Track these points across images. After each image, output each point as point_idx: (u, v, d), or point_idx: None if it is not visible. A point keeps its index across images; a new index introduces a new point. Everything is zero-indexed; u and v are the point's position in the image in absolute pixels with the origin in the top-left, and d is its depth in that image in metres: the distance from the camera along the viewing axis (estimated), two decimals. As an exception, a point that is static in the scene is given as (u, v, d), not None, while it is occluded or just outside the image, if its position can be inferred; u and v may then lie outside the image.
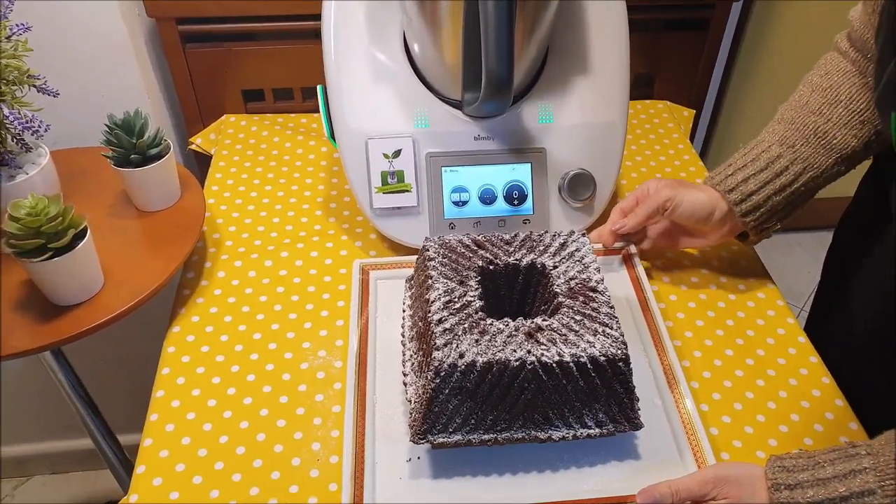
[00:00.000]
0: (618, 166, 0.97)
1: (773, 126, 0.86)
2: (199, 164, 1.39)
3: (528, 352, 0.68)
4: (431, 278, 0.75)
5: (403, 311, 0.83)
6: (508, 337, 0.69)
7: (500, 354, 0.67)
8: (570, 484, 0.72)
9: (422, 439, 0.70)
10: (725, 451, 0.75)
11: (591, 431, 0.71)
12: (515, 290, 0.80)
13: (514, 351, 0.67)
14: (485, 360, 0.67)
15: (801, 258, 2.23)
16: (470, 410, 0.69)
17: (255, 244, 1.00)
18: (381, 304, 0.89)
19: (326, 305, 0.91)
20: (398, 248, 0.99)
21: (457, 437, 0.70)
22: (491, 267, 0.77)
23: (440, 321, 0.70)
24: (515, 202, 0.95)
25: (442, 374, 0.67)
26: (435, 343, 0.68)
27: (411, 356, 0.76)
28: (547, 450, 0.74)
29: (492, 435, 0.70)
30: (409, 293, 0.83)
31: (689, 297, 0.93)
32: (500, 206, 0.95)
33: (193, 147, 1.24)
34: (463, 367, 0.66)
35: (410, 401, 0.72)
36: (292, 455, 0.75)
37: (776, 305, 0.92)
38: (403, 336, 0.80)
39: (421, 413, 0.69)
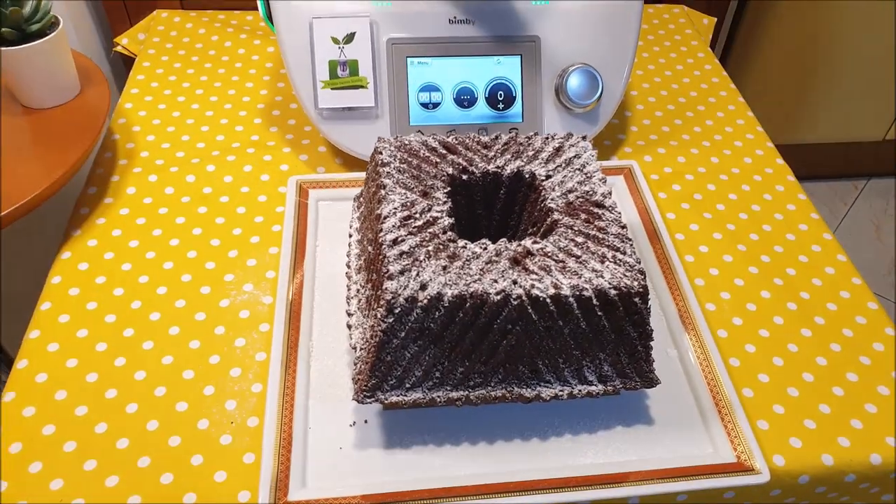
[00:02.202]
0: (630, 62, 0.78)
1: None
2: (129, 71, 1.18)
3: (514, 282, 0.50)
4: (385, 188, 0.56)
5: (350, 235, 0.64)
6: (487, 264, 0.51)
7: (475, 286, 0.49)
8: (562, 456, 0.55)
9: (369, 397, 0.52)
10: (763, 417, 0.59)
11: (593, 389, 0.54)
12: (496, 207, 0.62)
13: (495, 281, 0.50)
14: (455, 292, 0.49)
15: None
16: (434, 360, 0.52)
17: (176, 156, 0.81)
18: (325, 230, 0.71)
19: (258, 230, 0.73)
20: (352, 163, 0.80)
21: (415, 395, 0.53)
22: (464, 177, 0.59)
23: (395, 242, 0.52)
24: (500, 106, 0.76)
25: (396, 311, 0.49)
26: (387, 270, 0.50)
27: (357, 291, 0.58)
28: (534, 412, 0.57)
29: (462, 392, 0.53)
30: (358, 213, 0.65)
31: (714, 226, 0.75)
32: (482, 110, 0.76)
33: (119, 49, 1.03)
34: (424, 301, 0.49)
35: (355, 348, 0.55)
36: (199, 415, 0.57)
37: (822, 240, 0.75)
38: (349, 267, 0.62)
39: (368, 363, 0.52)
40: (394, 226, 0.53)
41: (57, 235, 0.73)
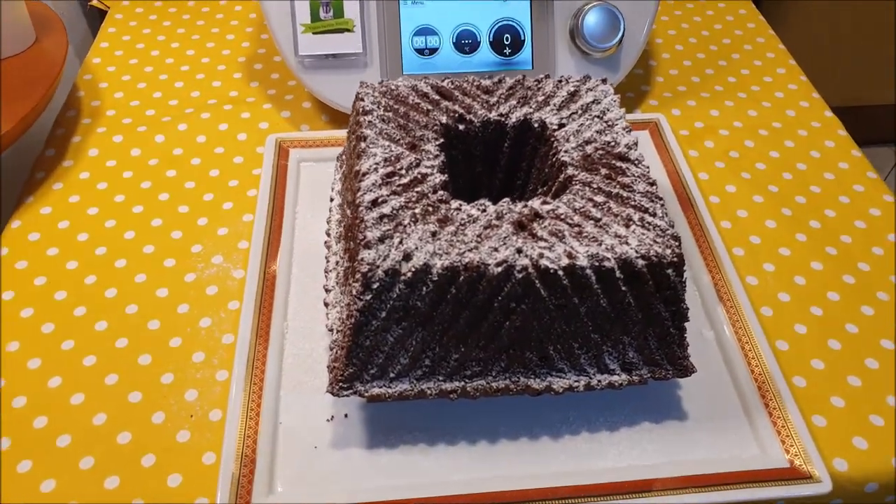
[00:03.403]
0: (655, 1, 0.67)
1: None
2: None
3: (518, 251, 0.41)
4: (365, 140, 0.47)
5: (331, 199, 0.55)
6: (486, 229, 0.42)
7: (470, 255, 0.40)
8: (578, 458, 0.46)
9: (346, 389, 0.44)
10: (820, 412, 0.49)
11: (615, 379, 0.45)
12: (499, 163, 0.52)
13: (495, 250, 0.41)
14: (445, 263, 0.40)
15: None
16: (422, 345, 0.43)
17: (146, 114, 0.72)
18: (307, 194, 0.62)
19: (232, 195, 0.64)
20: (340, 120, 0.71)
21: (401, 387, 0.44)
22: (461, 126, 0.50)
23: (375, 203, 0.43)
24: (507, 51, 0.66)
25: (374, 286, 0.40)
26: (364, 237, 0.41)
27: (337, 263, 0.50)
28: (545, 406, 0.48)
29: (457, 383, 0.44)
30: (340, 174, 0.56)
31: (754, 188, 0.65)
32: (485, 56, 0.66)
33: (95, 3, 0.94)
34: (409, 274, 0.40)
35: (332, 330, 0.46)
36: (154, 407, 0.49)
37: (882, 202, 0.65)
38: (328, 236, 0.53)
39: (344, 349, 0.43)
40: (374, 184, 0.44)
41: (9, 203, 0.65)
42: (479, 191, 0.53)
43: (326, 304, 0.48)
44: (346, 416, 0.48)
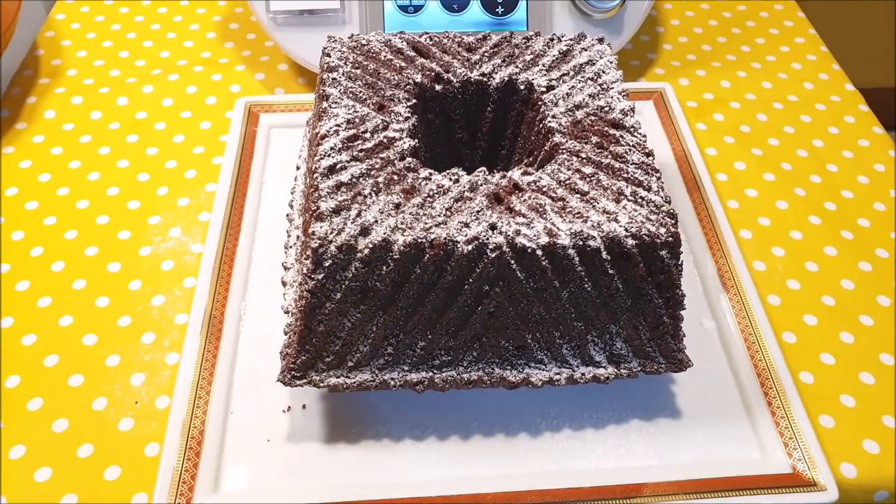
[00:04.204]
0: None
1: None
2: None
3: (492, 227, 0.36)
4: (328, 99, 0.42)
5: (297, 167, 0.50)
6: (458, 201, 0.37)
7: (437, 231, 0.35)
8: (559, 458, 0.42)
9: (298, 378, 0.39)
10: (828, 412, 0.45)
11: (601, 372, 0.40)
12: (481, 129, 0.47)
13: (466, 226, 0.36)
14: (408, 239, 0.35)
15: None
16: (384, 331, 0.38)
17: (109, 75, 0.67)
18: (276, 163, 0.57)
19: (196, 163, 0.59)
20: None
21: (362, 377, 0.40)
22: (438, 87, 0.44)
23: (332, 170, 0.38)
24: (499, 10, 0.60)
25: (326, 263, 0.35)
26: (317, 208, 0.36)
27: (297, 238, 0.45)
28: (523, 399, 0.44)
29: (424, 374, 0.40)
30: (307, 139, 0.51)
31: (765, 165, 0.60)
32: (476, 15, 0.60)
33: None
34: (366, 251, 0.35)
35: (288, 312, 0.42)
36: (96, 392, 0.45)
37: (905, 180, 0.59)
38: (291, 207, 0.48)
39: (296, 333, 0.38)
40: (333, 148, 0.39)
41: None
42: (460, 160, 0.48)
43: (284, 283, 0.43)
44: (304, 406, 0.44)
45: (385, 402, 0.43)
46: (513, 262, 0.36)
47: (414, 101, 0.42)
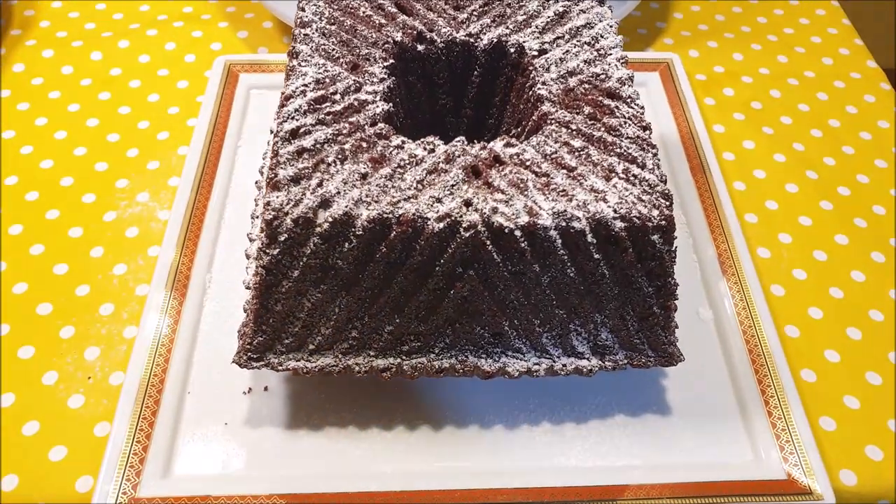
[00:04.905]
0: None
1: None
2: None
3: (467, 204, 0.32)
4: (298, 57, 0.38)
5: (271, 131, 0.47)
6: (431, 174, 0.34)
7: (406, 206, 0.32)
8: (537, 454, 0.39)
9: (255, 360, 0.36)
10: (829, 414, 0.41)
11: (583, 364, 0.37)
12: (467, 94, 0.43)
13: (438, 201, 0.32)
14: (372, 214, 0.32)
15: None
16: (347, 313, 0.35)
17: (84, 28, 0.63)
18: (254, 126, 0.54)
19: (170, 124, 0.56)
20: (303, 44, 0.62)
21: (324, 361, 0.37)
22: (420, 47, 0.41)
23: (295, 134, 0.34)
24: (495, -32, 0.56)
25: (281, 238, 0.32)
26: (275, 175, 0.33)
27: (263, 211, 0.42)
28: (500, 389, 0.41)
29: (392, 360, 0.37)
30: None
31: (776, 145, 0.56)
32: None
33: None
34: (325, 225, 0.32)
35: (249, 287, 0.38)
36: (46, 366, 0.42)
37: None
38: (261, 174, 0.45)
39: (253, 311, 0.35)
40: (297, 110, 0.35)
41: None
42: (443, 128, 0.44)
43: (248, 256, 0.40)
44: (265, 388, 0.41)
45: (352, 386, 0.40)
46: (488, 242, 0.32)
47: (392, 61, 0.39)
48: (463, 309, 0.35)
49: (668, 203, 0.33)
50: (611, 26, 0.41)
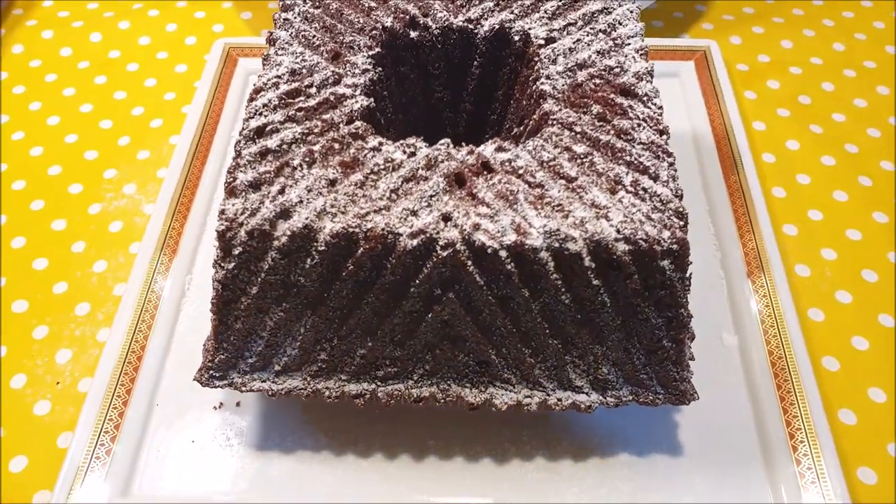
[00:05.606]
0: None
1: None
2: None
3: (445, 218, 0.28)
4: (275, 44, 0.35)
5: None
6: (408, 181, 0.29)
7: (376, 219, 0.28)
8: (529, 492, 0.35)
9: (217, 378, 0.33)
10: (869, 463, 0.36)
11: (581, 400, 0.33)
12: (467, 86, 0.39)
13: (413, 214, 0.28)
14: (337, 228, 0.28)
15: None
16: (314, 334, 0.31)
17: (86, 8, 0.61)
18: (249, 112, 0.50)
19: (164, 111, 0.53)
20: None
21: (292, 383, 0.33)
22: (413, 33, 0.36)
23: (261, 132, 0.31)
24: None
25: (236, 251, 0.28)
26: (233, 179, 0.29)
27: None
28: (491, 419, 0.36)
29: (366, 385, 0.33)
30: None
31: (824, 145, 0.50)
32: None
33: None
34: (284, 239, 0.28)
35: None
36: (16, 368, 0.40)
37: None
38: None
39: (213, 327, 0.32)
40: (267, 105, 0.32)
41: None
42: (440, 124, 0.40)
43: (221, 261, 0.37)
44: (237, 404, 0.38)
45: (329, 407, 0.37)
46: (469, 263, 0.28)
47: (378, 50, 0.34)
48: (443, 334, 0.31)
49: (682, 223, 0.28)
50: (631, 11, 0.36)
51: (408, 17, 0.36)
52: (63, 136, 0.52)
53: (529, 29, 0.36)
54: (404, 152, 0.30)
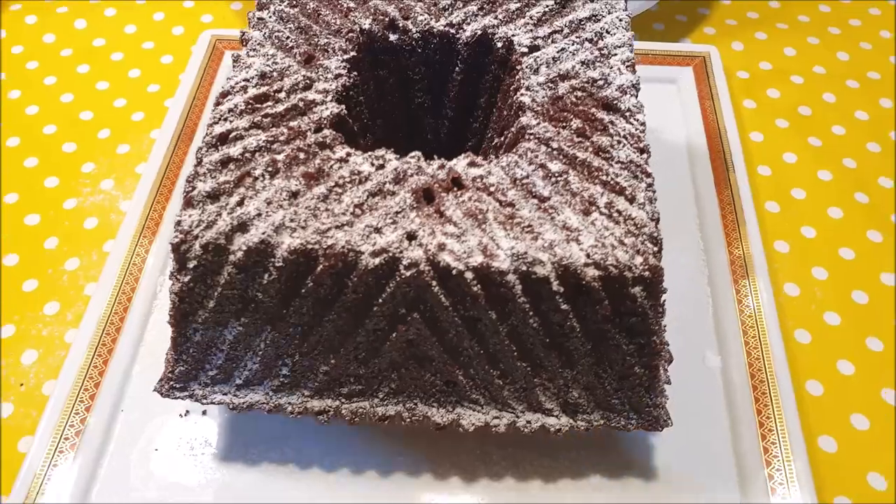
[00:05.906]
0: None
1: None
2: None
3: (411, 237, 0.27)
4: (248, 45, 0.33)
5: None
6: (374, 196, 0.28)
7: (337, 236, 0.27)
8: (493, 513, 0.34)
9: (178, 390, 0.32)
10: (849, 494, 0.35)
11: (552, 422, 0.32)
12: (448, 92, 0.37)
13: (377, 231, 0.27)
14: (296, 244, 0.27)
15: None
16: (275, 349, 0.30)
17: (74, -7, 0.60)
18: (231, 108, 0.49)
19: (147, 103, 0.52)
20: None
21: (254, 397, 0.32)
22: (392, 36, 0.35)
23: (224, 139, 0.30)
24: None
25: (191, 265, 0.27)
26: (192, 188, 0.28)
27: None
28: (460, 436, 0.35)
29: (329, 401, 0.32)
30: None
31: (822, 159, 0.49)
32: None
33: None
34: (240, 254, 0.27)
35: (183, 303, 0.34)
36: (-22, 370, 0.39)
37: None
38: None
39: (172, 339, 0.31)
40: (232, 110, 0.30)
41: None
42: (420, 131, 0.39)
43: (189, 266, 0.36)
44: (204, 412, 0.37)
45: (294, 420, 0.36)
46: (434, 284, 0.27)
47: (353, 53, 0.33)
48: (409, 353, 0.30)
49: (655, 248, 0.27)
50: (620, 20, 0.35)
51: (387, 19, 0.35)
52: (41, 126, 0.50)
53: (513, 35, 0.34)
54: (372, 164, 0.29)
